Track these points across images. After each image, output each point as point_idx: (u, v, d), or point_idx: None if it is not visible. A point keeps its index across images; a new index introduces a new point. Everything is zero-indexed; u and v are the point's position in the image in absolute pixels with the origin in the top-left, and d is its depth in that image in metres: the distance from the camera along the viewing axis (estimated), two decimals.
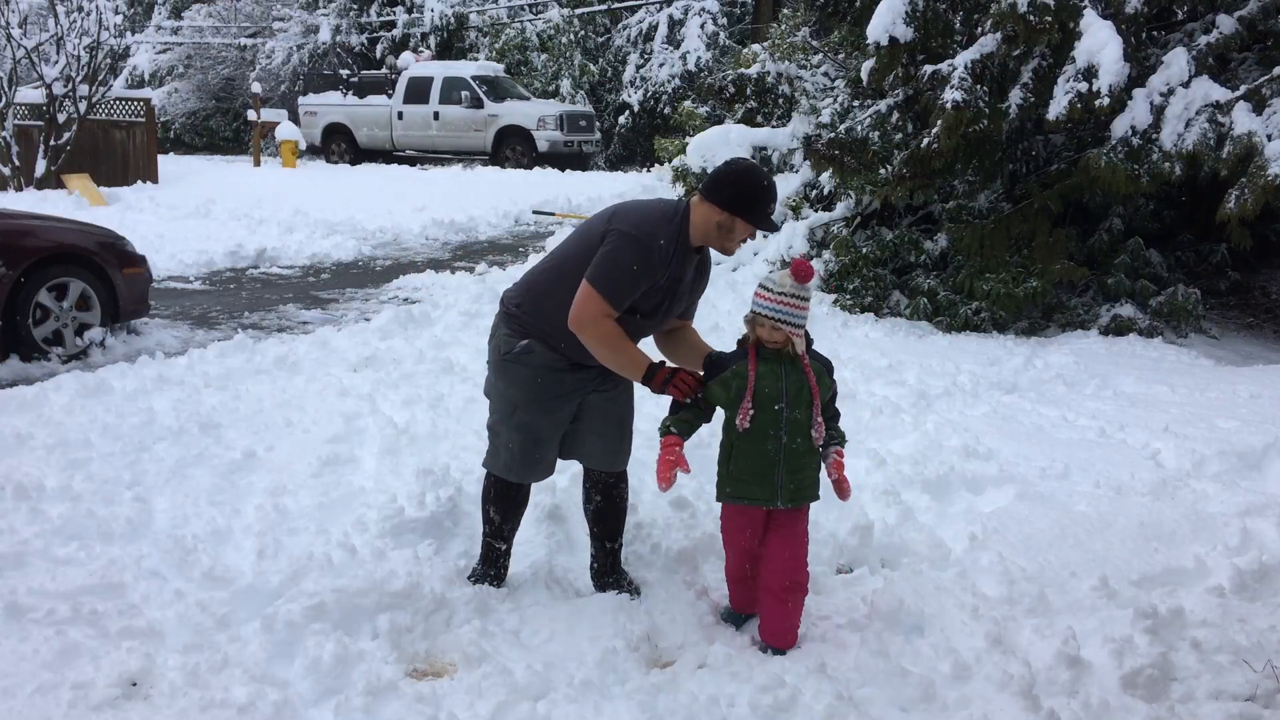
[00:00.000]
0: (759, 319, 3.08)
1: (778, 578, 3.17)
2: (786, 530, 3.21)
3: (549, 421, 3.36)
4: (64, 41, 17.25)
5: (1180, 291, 8.04)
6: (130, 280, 7.24)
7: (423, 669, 3.14)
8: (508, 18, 30.25)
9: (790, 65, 11.50)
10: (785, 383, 3.09)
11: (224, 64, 32.51)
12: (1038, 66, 7.57)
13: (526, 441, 3.36)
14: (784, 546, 3.18)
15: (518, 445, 3.36)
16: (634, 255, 3.06)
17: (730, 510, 3.28)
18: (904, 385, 6.18)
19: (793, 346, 3.09)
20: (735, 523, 3.27)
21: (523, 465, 3.40)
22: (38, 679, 2.89)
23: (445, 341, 7.02)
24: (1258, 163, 6.54)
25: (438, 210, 15.65)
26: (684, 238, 3.16)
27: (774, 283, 3.06)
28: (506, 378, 3.35)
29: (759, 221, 3.15)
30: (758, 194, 3.13)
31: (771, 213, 3.19)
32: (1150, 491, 4.35)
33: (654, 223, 3.12)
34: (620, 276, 3.06)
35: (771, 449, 3.11)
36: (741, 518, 3.24)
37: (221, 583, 3.49)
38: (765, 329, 3.07)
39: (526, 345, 3.27)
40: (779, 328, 3.04)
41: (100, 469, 4.47)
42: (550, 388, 3.29)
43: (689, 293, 3.35)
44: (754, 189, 3.13)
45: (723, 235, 3.15)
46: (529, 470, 3.43)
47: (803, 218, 9.92)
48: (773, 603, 3.20)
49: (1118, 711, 2.87)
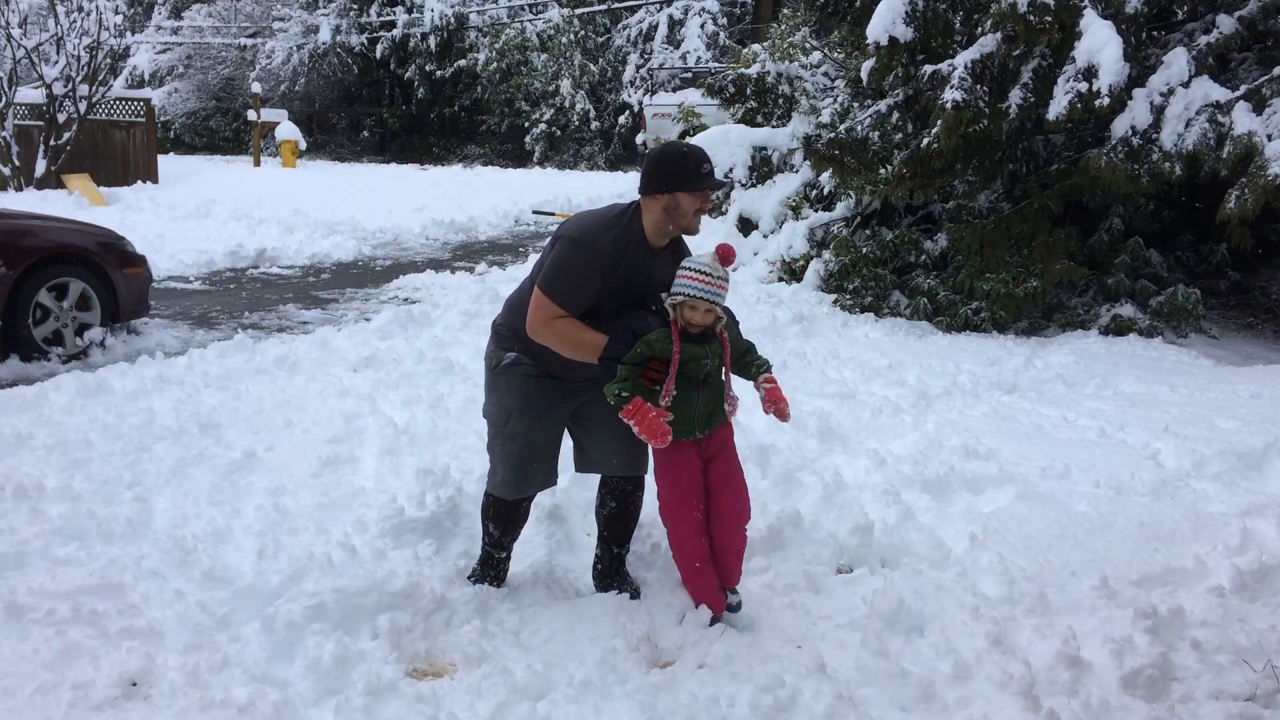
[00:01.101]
0: (691, 302, 3.10)
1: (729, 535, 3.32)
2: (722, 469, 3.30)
3: (542, 428, 3.37)
4: (64, 41, 17.27)
5: (1180, 291, 8.04)
6: (130, 280, 7.24)
7: (423, 669, 3.13)
8: (508, 18, 30.26)
9: (790, 65, 11.51)
10: (708, 360, 3.16)
11: (224, 64, 32.53)
12: (1038, 66, 7.57)
13: (523, 450, 3.36)
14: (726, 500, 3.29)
15: (514, 454, 3.36)
16: (576, 258, 3.12)
17: (661, 460, 3.27)
18: (904, 385, 6.18)
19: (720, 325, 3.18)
20: (673, 467, 3.26)
21: (519, 476, 3.39)
22: (38, 679, 2.89)
23: (445, 341, 7.02)
24: (1258, 163, 6.54)
25: (438, 210, 15.66)
26: (638, 237, 3.20)
27: (705, 266, 3.11)
28: (499, 389, 3.40)
29: (697, 184, 3.16)
30: (680, 162, 3.17)
31: (707, 172, 3.18)
32: (1150, 491, 4.35)
33: (598, 227, 3.18)
34: (565, 279, 3.12)
35: (688, 409, 3.19)
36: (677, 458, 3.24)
37: (221, 583, 3.49)
38: (698, 312, 3.11)
39: (514, 357, 3.32)
40: (711, 309, 3.11)
41: (100, 469, 4.47)
42: (541, 393, 3.32)
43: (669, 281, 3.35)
44: (674, 160, 3.18)
45: (676, 218, 3.19)
46: (526, 482, 3.42)
47: (803, 218, 9.92)
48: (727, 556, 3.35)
49: (1118, 711, 2.87)
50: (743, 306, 8.40)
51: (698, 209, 3.19)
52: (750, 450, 4.81)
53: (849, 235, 9.09)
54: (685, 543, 3.31)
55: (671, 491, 3.29)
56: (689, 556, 3.32)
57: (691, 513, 3.28)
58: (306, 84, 32.46)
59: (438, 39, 29.69)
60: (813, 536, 4.00)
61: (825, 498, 4.34)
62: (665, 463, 3.27)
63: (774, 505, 4.23)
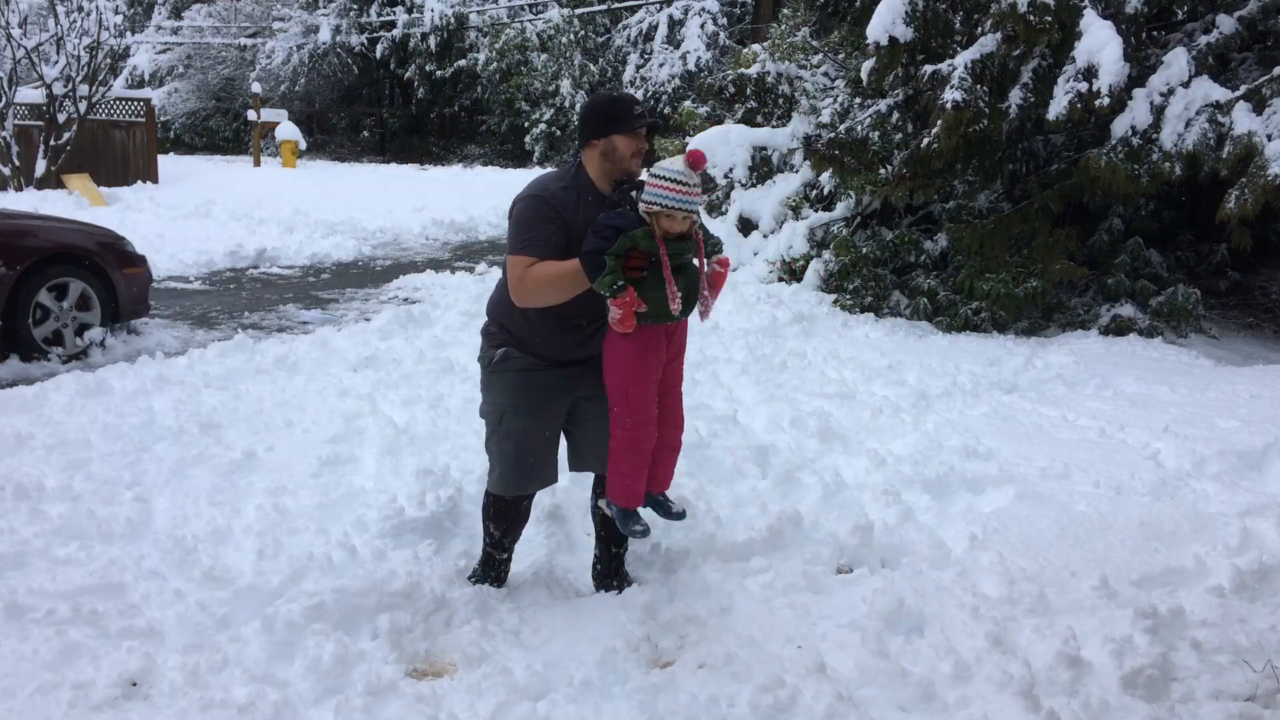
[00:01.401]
0: (668, 212, 3.04)
1: (675, 431, 3.32)
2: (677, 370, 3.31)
3: (537, 425, 3.36)
4: (64, 41, 17.27)
5: (1180, 291, 8.04)
6: (130, 280, 7.24)
7: (423, 669, 3.13)
8: (508, 18, 30.26)
9: (790, 65, 11.50)
10: (687, 253, 3.13)
11: (224, 64, 32.54)
12: (1038, 66, 7.57)
13: (519, 447, 3.35)
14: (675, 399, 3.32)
15: (510, 451, 3.36)
16: (530, 209, 3.18)
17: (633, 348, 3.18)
18: (904, 385, 6.18)
19: (696, 227, 3.16)
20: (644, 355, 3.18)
21: (516, 474, 3.38)
22: (38, 679, 2.89)
23: (445, 341, 7.02)
24: (1258, 163, 6.54)
25: (438, 210, 15.67)
26: (588, 185, 3.24)
27: (679, 174, 3.04)
28: (492, 388, 3.40)
29: (629, 124, 3.18)
30: (610, 106, 3.23)
31: (639, 113, 3.18)
32: (1150, 491, 4.35)
33: (546, 180, 3.28)
34: (526, 230, 3.17)
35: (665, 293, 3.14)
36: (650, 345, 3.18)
37: (221, 583, 3.49)
38: (675, 221, 3.06)
39: (504, 353, 3.32)
40: (690, 217, 3.08)
41: (100, 469, 4.47)
42: (534, 390, 3.32)
43: None
44: (605, 105, 3.25)
45: (615, 161, 3.21)
46: (523, 479, 3.40)
47: (803, 218, 9.92)
48: (671, 455, 3.35)
49: (1118, 711, 2.87)
50: (743, 306, 8.40)
51: (634, 151, 3.20)
52: (750, 450, 4.81)
53: (849, 235, 9.09)
54: (642, 437, 3.21)
55: (639, 382, 3.17)
56: (642, 453, 3.22)
57: (652, 407, 3.22)
58: (306, 84, 32.45)
59: (438, 39, 29.69)
60: (813, 536, 4.00)
61: (825, 498, 4.34)
62: (638, 350, 3.16)
63: (774, 505, 4.23)
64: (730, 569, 3.74)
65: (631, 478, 3.25)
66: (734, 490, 4.45)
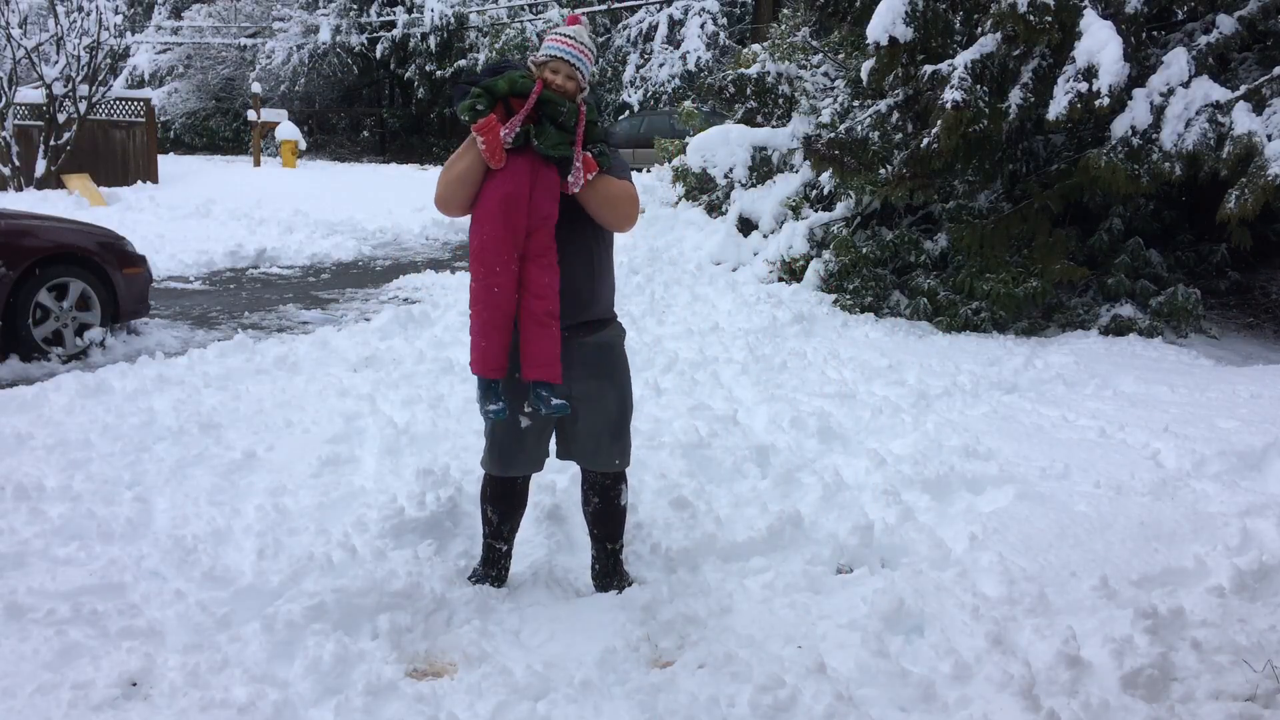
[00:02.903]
0: (554, 64, 3.12)
1: (542, 302, 3.14)
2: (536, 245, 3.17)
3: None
4: (64, 41, 17.27)
5: (1180, 291, 8.04)
6: (130, 280, 7.24)
7: (423, 669, 3.13)
8: (508, 18, 30.25)
9: (790, 65, 11.50)
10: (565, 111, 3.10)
11: (224, 64, 32.54)
12: (1038, 66, 7.57)
13: (506, 429, 3.39)
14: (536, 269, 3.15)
15: (499, 432, 3.41)
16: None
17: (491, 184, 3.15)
18: (904, 385, 6.18)
19: (582, 96, 3.19)
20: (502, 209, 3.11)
21: (502, 454, 3.43)
22: (38, 679, 2.89)
23: (445, 341, 7.03)
24: (1258, 163, 6.54)
25: (438, 210, 15.65)
26: None
27: (568, 30, 3.17)
28: None
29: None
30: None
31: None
32: (1150, 491, 4.35)
33: None
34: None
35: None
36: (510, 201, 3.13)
37: (221, 583, 3.49)
38: (559, 76, 3.12)
39: None
40: (574, 75, 3.14)
41: (100, 469, 4.47)
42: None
43: None
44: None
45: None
46: (509, 460, 3.45)
47: (803, 218, 9.92)
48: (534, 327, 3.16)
49: (1118, 711, 2.87)
50: (743, 306, 8.41)
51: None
52: (750, 450, 4.81)
53: (849, 235, 9.09)
54: (491, 292, 3.10)
55: (493, 235, 3.09)
56: (493, 309, 3.11)
57: (507, 263, 3.10)
58: (306, 84, 32.46)
59: (438, 39, 29.68)
60: (813, 536, 4.00)
61: (825, 498, 4.34)
62: (498, 204, 3.09)
63: (774, 505, 4.23)
64: (730, 569, 3.75)
65: (485, 338, 3.13)
66: (734, 490, 4.46)
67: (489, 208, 3.14)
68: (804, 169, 10.22)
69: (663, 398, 5.67)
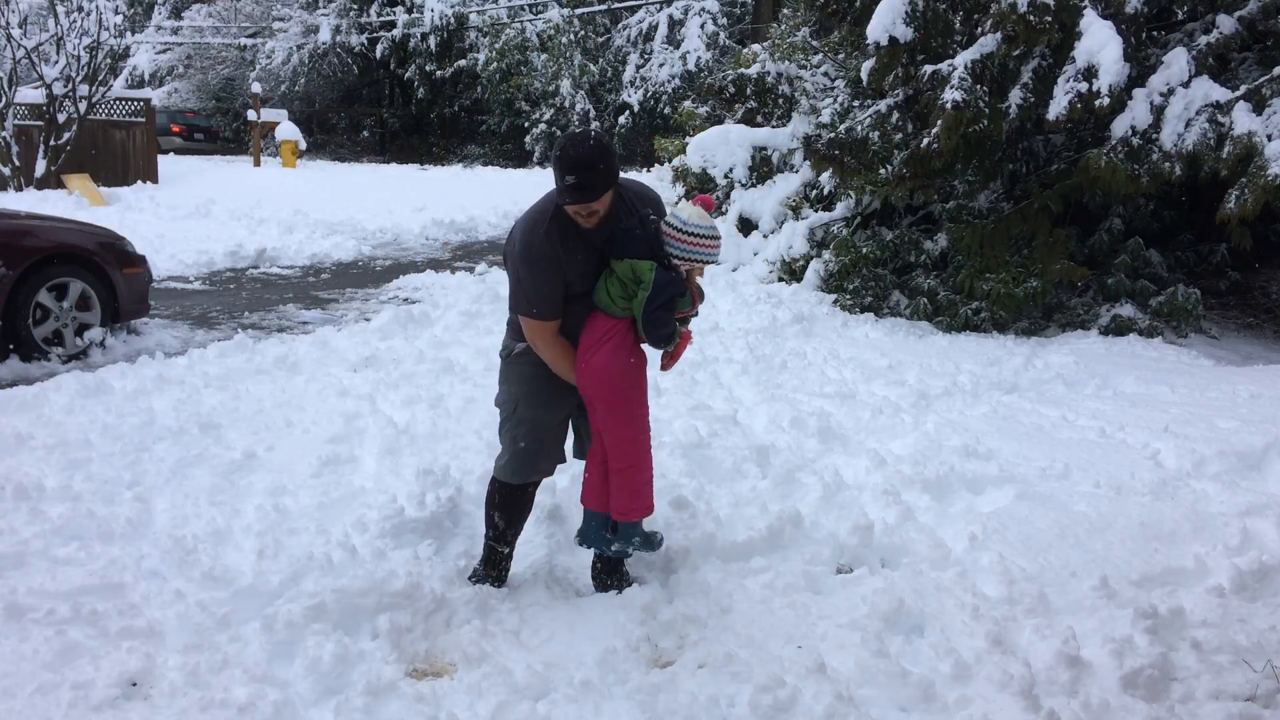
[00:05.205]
0: (700, 266, 3.35)
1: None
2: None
3: (549, 416, 3.43)
4: (64, 41, 17.27)
5: (1180, 291, 8.04)
6: (130, 280, 7.24)
7: (423, 669, 3.13)
8: (508, 18, 30.25)
9: (790, 65, 11.50)
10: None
11: (224, 64, 32.56)
12: (1038, 66, 7.57)
13: (532, 434, 3.42)
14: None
15: (523, 438, 3.42)
16: (527, 270, 3.22)
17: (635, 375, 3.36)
18: (904, 385, 6.18)
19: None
20: (641, 380, 3.38)
21: (524, 462, 3.45)
22: (38, 679, 2.89)
23: (445, 341, 7.02)
24: (1258, 163, 6.54)
25: (438, 210, 15.67)
26: (566, 219, 3.22)
27: (712, 230, 3.29)
28: (509, 378, 3.49)
29: (558, 195, 3.17)
30: (555, 168, 3.14)
31: (568, 185, 3.07)
32: (1150, 491, 4.35)
33: (532, 228, 3.24)
34: (531, 292, 3.24)
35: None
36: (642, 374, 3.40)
37: (221, 583, 3.49)
38: (700, 271, 3.39)
39: (524, 347, 3.41)
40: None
41: (100, 469, 4.47)
42: (549, 383, 3.38)
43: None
44: (554, 163, 3.15)
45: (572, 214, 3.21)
46: (531, 467, 3.47)
47: (803, 218, 9.93)
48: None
49: (1118, 711, 2.87)
50: (743, 307, 8.41)
51: (573, 214, 3.17)
52: (750, 450, 4.81)
53: (849, 235, 9.09)
54: (647, 451, 3.42)
55: (640, 404, 3.38)
56: (649, 466, 3.43)
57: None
58: (306, 84, 32.47)
59: (438, 39, 29.69)
60: (813, 536, 4.00)
61: (825, 498, 4.34)
62: (638, 376, 3.36)
63: (774, 505, 4.23)
64: (730, 569, 3.75)
65: (649, 490, 3.45)
66: (734, 490, 4.46)
67: (644, 404, 3.41)
68: (804, 169, 10.22)
69: (663, 398, 5.67)
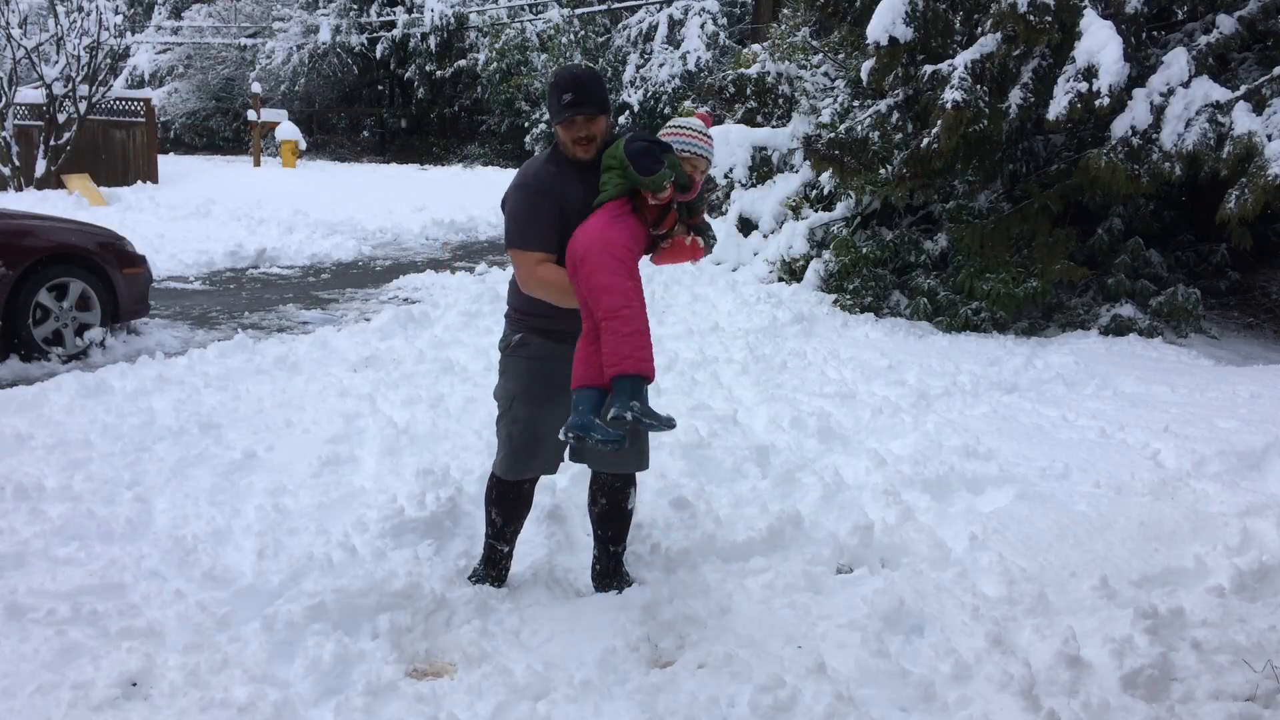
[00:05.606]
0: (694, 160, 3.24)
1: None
2: None
3: (545, 413, 3.39)
4: (64, 41, 17.28)
5: (1180, 291, 8.04)
6: (130, 280, 7.24)
7: (423, 669, 3.13)
8: (508, 18, 30.25)
9: (790, 65, 11.50)
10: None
11: (224, 64, 32.54)
12: (1038, 66, 7.57)
13: (525, 432, 3.40)
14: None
15: (516, 436, 3.41)
16: (520, 200, 3.25)
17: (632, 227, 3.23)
18: (904, 385, 6.18)
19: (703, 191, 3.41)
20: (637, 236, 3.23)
21: (519, 458, 3.43)
22: (38, 679, 2.89)
23: (445, 341, 7.02)
24: (1258, 163, 6.54)
25: (438, 210, 15.67)
26: (562, 158, 3.28)
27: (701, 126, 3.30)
28: (507, 372, 3.47)
29: (557, 117, 3.20)
30: (549, 95, 3.25)
31: (567, 103, 3.14)
32: (1150, 491, 4.35)
33: (528, 168, 3.34)
34: (522, 223, 3.24)
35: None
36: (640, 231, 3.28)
37: (221, 583, 3.49)
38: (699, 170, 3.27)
39: (521, 339, 3.40)
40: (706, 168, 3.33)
41: (100, 469, 4.47)
42: (546, 378, 3.36)
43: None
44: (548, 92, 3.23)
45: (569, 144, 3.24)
46: (526, 464, 3.45)
47: (803, 218, 9.92)
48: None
49: (1118, 711, 2.87)
50: (743, 307, 8.40)
51: (573, 139, 3.21)
52: (750, 450, 4.81)
53: (849, 235, 9.09)
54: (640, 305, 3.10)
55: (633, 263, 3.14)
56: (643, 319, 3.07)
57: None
58: (306, 84, 32.45)
59: (438, 39, 29.69)
60: (813, 536, 4.00)
61: (825, 498, 4.34)
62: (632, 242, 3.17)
63: (774, 505, 4.23)
64: (730, 569, 3.75)
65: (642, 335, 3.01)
66: (734, 490, 4.46)
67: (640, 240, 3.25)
68: (804, 169, 10.22)
69: (663, 398, 5.67)
